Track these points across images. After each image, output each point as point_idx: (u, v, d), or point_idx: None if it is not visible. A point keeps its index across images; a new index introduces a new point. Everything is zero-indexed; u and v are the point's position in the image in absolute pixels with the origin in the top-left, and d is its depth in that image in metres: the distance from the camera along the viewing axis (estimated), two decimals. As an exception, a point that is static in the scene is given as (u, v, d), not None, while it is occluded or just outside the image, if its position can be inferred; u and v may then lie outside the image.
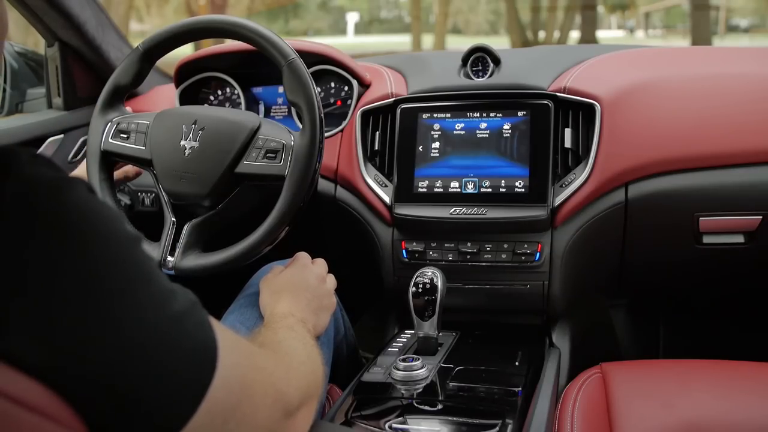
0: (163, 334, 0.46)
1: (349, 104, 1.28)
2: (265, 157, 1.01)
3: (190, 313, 0.48)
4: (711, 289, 1.35)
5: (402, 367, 0.92)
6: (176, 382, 0.46)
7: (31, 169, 0.43)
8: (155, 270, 0.48)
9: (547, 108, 1.11)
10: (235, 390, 0.50)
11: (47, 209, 0.42)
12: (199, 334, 0.49)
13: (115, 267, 0.44)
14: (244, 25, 1.02)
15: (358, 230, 1.21)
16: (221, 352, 0.49)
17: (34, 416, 0.40)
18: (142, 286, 0.46)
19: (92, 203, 0.45)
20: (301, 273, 0.95)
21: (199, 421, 0.47)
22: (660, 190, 1.10)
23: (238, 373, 0.51)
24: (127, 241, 0.46)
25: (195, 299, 0.50)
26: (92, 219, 0.44)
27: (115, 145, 1.08)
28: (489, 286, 1.14)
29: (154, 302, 0.46)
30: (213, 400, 0.47)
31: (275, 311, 0.86)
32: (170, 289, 0.48)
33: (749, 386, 0.91)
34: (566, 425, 0.88)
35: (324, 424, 0.81)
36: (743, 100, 1.12)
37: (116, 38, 1.46)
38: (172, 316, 0.47)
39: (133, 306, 0.44)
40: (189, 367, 0.47)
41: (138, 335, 0.44)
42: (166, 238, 1.04)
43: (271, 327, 0.79)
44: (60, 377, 0.41)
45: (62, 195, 0.43)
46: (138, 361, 0.44)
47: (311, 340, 0.79)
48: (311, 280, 0.95)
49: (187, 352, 0.47)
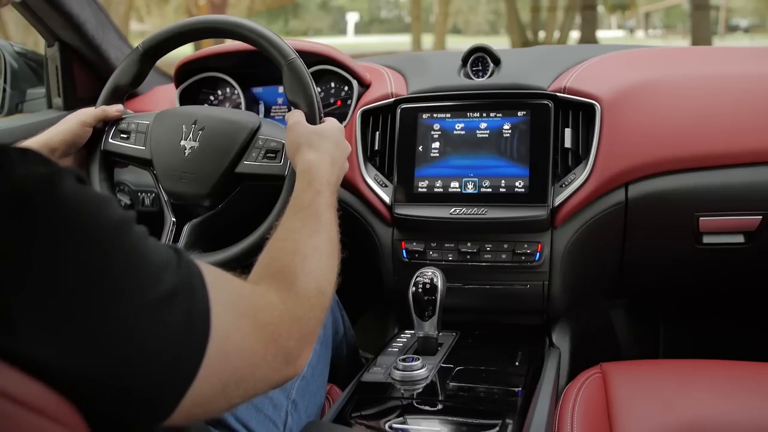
0: (156, 315, 0.46)
1: (349, 104, 1.28)
2: (265, 157, 1.01)
3: (183, 286, 0.49)
4: (711, 289, 1.35)
5: (402, 367, 0.92)
6: (169, 359, 0.46)
7: (23, 166, 0.43)
8: (144, 248, 0.48)
9: (547, 108, 1.11)
10: (232, 356, 0.51)
11: (40, 204, 0.43)
12: (192, 306, 0.49)
13: (104, 255, 0.45)
14: (244, 25, 1.02)
15: (358, 230, 1.21)
16: (215, 320, 0.49)
17: (34, 416, 0.40)
18: (131, 270, 0.46)
19: (82, 193, 0.46)
20: (337, 132, 0.93)
21: (198, 390, 0.48)
22: (660, 190, 1.10)
23: (235, 337, 0.52)
24: (114, 226, 0.47)
25: (188, 261, 0.50)
26: (81, 210, 0.45)
27: (115, 145, 1.08)
28: (489, 286, 1.14)
29: (144, 285, 0.46)
30: (209, 368, 0.48)
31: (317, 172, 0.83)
32: (161, 264, 0.48)
33: (749, 386, 0.91)
34: (566, 425, 0.88)
35: (324, 424, 0.81)
36: (743, 100, 1.12)
37: (116, 38, 1.46)
38: (163, 296, 0.47)
39: (124, 293, 0.45)
40: (181, 342, 0.47)
41: (130, 322, 0.45)
42: (166, 238, 1.04)
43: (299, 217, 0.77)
44: (60, 372, 0.42)
45: (54, 189, 0.44)
46: (130, 343, 0.45)
47: (335, 234, 0.78)
48: (344, 141, 0.93)
49: (179, 328, 0.47)
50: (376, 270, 1.21)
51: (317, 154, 0.87)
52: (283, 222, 0.76)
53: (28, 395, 0.40)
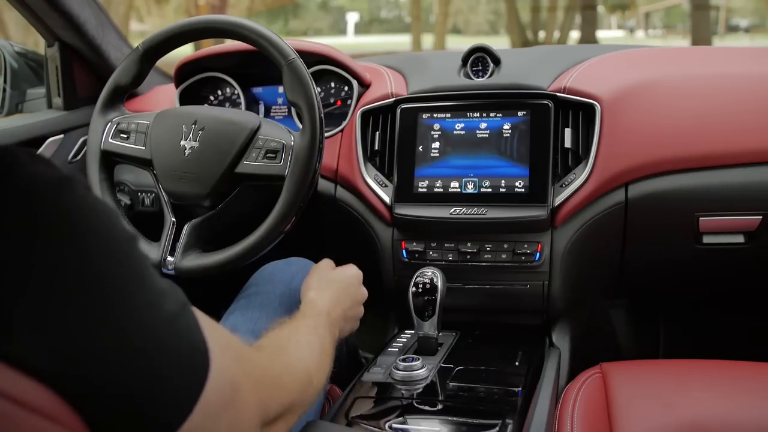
0: (158, 335, 0.46)
1: (349, 104, 1.28)
2: (265, 157, 1.01)
3: (181, 314, 0.49)
4: (711, 289, 1.35)
5: (402, 367, 0.92)
6: (173, 384, 0.46)
7: (31, 170, 0.43)
8: (150, 269, 0.48)
9: (547, 108, 1.11)
10: (226, 392, 0.51)
11: (47, 209, 0.42)
12: (191, 335, 0.49)
13: (112, 266, 0.45)
14: (244, 25, 1.02)
15: (358, 230, 1.21)
16: (212, 354, 0.49)
17: (33, 417, 0.40)
18: (137, 285, 0.46)
19: (91, 202, 0.45)
20: (350, 278, 0.97)
21: (195, 421, 0.47)
22: (660, 190, 1.10)
23: (229, 375, 0.52)
24: (124, 240, 0.46)
25: (185, 300, 0.50)
26: (91, 218, 0.45)
27: (115, 145, 1.08)
28: (489, 286, 1.14)
29: (149, 302, 0.46)
30: (206, 401, 0.48)
31: (316, 304, 0.87)
32: (163, 289, 0.48)
33: (749, 386, 0.91)
34: (566, 425, 0.88)
35: (324, 424, 0.81)
36: (743, 100, 1.12)
37: (116, 38, 1.45)
38: (165, 317, 0.47)
39: (130, 306, 0.45)
40: (184, 368, 0.47)
41: (134, 335, 0.44)
42: (166, 238, 1.04)
43: (296, 322, 0.81)
44: (60, 378, 0.41)
45: (62, 195, 0.43)
46: (134, 361, 0.44)
47: (330, 347, 0.81)
48: (356, 288, 0.98)
49: (182, 353, 0.47)
50: (376, 270, 1.21)
51: (321, 292, 0.91)
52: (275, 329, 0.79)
53: (28, 396, 0.40)
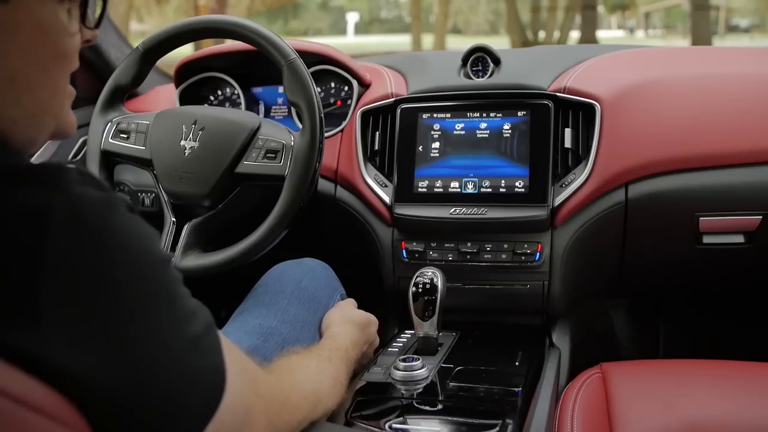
0: (179, 356, 0.47)
1: (349, 104, 1.28)
2: (265, 157, 1.01)
3: (206, 336, 0.51)
4: (711, 289, 1.35)
5: (402, 367, 0.92)
6: (188, 402, 0.48)
7: (80, 188, 0.45)
8: (181, 291, 0.50)
9: (547, 108, 1.11)
10: (239, 414, 0.52)
11: (92, 227, 0.44)
12: (212, 357, 0.51)
13: (144, 285, 0.46)
14: (244, 25, 1.02)
15: (358, 230, 1.21)
16: (229, 376, 0.51)
17: (35, 416, 0.40)
18: (166, 306, 0.48)
19: (133, 223, 0.48)
20: (370, 321, 1.01)
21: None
22: (660, 190, 1.10)
23: (243, 398, 0.53)
24: (159, 261, 0.49)
25: (211, 321, 0.52)
26: (132, 239, 0.47)
27: (115, 145, 1.08)
28: (489, 286, 1.14)
29: (175, 324, 0.48)
30: (219, 422, 0.49)
31: (336, 339, 0.90)
32: (191, 311, 0.50)
33: (749, 386, 0.91)
34: (566, 425, 0.88)
35: (324, 424, 0.80)
36: (743, 100, 1.12)
37: (116, 38, 1.45)
38: (189, 338, 0.48)
39: (155, 326, 0.46)
40: (200, 389, 0.49)
41: (156, 353, 0.46)
42: (166, 238, 1.04)
43: (313, 350, 0.84)
44: (79, 384, 0.42)
45: (107, 214, 0.46)
46: (153, 378, 0.45)
47: (344, 378, 0.83)
48: (373, 331, 1.02)
49: (200, 375, 0.49)
50: (376, 270, 1.21)
51: (343, 328, 0.95)
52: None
53: (30, 395, 0.40)
